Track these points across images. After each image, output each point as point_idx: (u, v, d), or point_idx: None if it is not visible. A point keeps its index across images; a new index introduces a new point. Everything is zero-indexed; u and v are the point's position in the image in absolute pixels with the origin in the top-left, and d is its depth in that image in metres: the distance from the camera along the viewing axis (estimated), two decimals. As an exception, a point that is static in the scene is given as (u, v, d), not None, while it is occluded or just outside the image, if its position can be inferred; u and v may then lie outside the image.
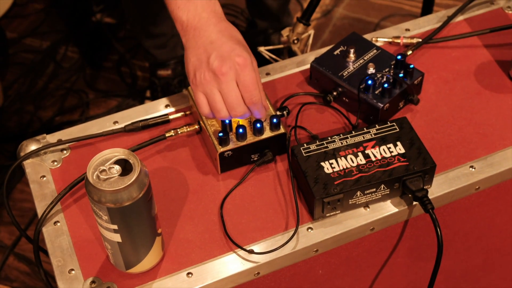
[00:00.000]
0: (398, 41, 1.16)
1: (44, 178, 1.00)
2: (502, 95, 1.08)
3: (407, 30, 1.20)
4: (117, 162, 0.79)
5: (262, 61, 1.21)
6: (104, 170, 0.78)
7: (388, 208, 0.95)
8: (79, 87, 2.25)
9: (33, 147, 1.04)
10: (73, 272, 0.89)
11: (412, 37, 1.16)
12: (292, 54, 1.39)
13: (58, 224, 0.95)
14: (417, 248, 1.06)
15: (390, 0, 2.47)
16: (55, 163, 1.02)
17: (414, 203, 0.94)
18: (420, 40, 1.15)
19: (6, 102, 2.21)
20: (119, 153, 0.80)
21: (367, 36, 1.17)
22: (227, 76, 0.90)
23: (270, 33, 2.11)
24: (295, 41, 1.32)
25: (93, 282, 0.88)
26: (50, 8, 2.52)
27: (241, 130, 0.96)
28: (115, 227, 0.81)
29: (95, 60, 2.34)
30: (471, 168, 0.99)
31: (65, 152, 1.04)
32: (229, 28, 0.94)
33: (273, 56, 1.33)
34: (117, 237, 0.82)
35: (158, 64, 2.11)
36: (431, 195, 0.95)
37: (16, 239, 1.82)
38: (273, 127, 0.98)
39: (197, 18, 0.93)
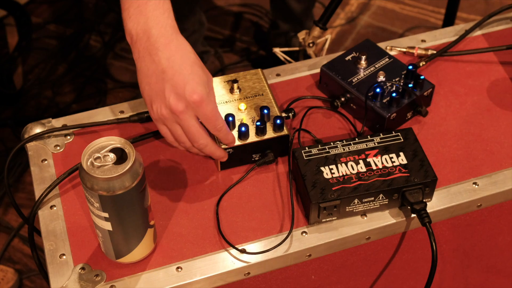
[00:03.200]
0: (413, 51, 1.15)
1: (46, 162, 1.01)
2: (514, 114, 1.07)
3: (423, 41, 1.18)
4: (113, 150, 0.79)
5: (276, 63, 1.21)
6: (98, 158, 0.78)
7: (386, 218, 0.94)
8: (99, 76, 2.27)
9: (37, 130, 1.04)
10: (64, 257, 0.90)
11: (427, 49, 1.15)
12: (307, 57, 1.38)
13: (55, 208, 0.95)
14: (414, 261, 1.05)
15: (416, 12, 2.46)
16: (58, 148, 1.03)
17: (413, 215, 0.93)
18: (435, 52, 1.14)
19: (25, 85, 2.23)
20: (115, 141, 0.80)
21: (382, 44, 1.16)
22: (185, 114, 0.87)
23: (292, 36, 2.10)
24: (311, 45, 1.32)
25: (82, 268, 0.88)
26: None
27: (243, 129, 0.96)
28: (106, 215, 0.81)
29: (117, 51, 2.35)
30: (474, 185, 0.97)
31: (68, 137, 1.04)
32: (179, 48, 0.89)
33: (287, 58, 1.33)
34: (108, 225, 0.82)
35: (177, 59, 2.11)
36: (430, 209, 0.93)
37: (22, 222, 1.84)
38: (276, 128, 0.97)
39: (146, 35, 0.88)
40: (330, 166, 0.93)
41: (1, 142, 2.07)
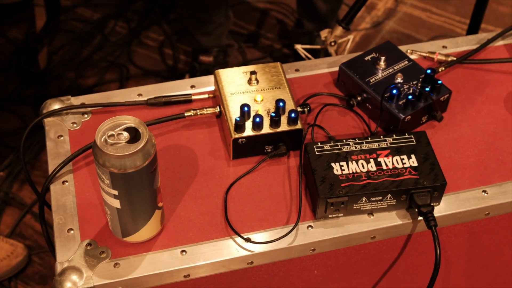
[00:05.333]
0: (433, 56, 1.15)
1: (61, 138, 1.02)
2: (529, 126, 1.06)
3: (444, 47, 1.18)
4: (128, 129, 0.80)
5: (298, 59, 1.21)
6: (112, 135, 0.79)
7: (392, 219, 0.94)
8: (122, 62, 2.28)
9: (56, 106, 1.06)
10: (71, 231, 0.91)
11: (447, 55, 1.15)
12: (328, 56, 1.38)
13: (67, 183, 0.97)
14: (418, 265, 1.05)
15: (443, 21, 2.45)
16: (75, 125, 1.04)
17: (419, 218, 0.93)
18: (455, 58, 1.13)
19: (49, 66, 2.25)
20: (130, 121, 0.81)
21: (403, 48, 1.16)
22: None
23: (315, 36, 2.10)
24: (332, 44, 1.32)
25: (89, 244, 0.89)
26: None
27: (258, 120, 0.96)
28: (116, 192, 0.82)
29: (141, 38, 2.37)
30: (483, 193, 0.97)
31: (86, 116, 1.05)
32: None
33: (308, 55, 1.33)
34: (116, 203, 0.83)
35: (201, 50, 2.13)
36: (438, 213, 0.93)
37: (36, 199, 1.86)
38: (291, 121, 0.98)
39: None
40: (341, 163, 0.93)
41: (21, 119, 2.09)
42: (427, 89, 1.03)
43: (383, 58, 1.07)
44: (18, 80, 2.22)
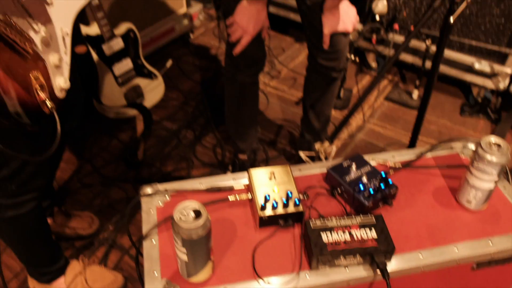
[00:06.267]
0: (386, 163, 1.18)
1: (151, 211, 1.06)
2: (449, 210, 1.07)
3: (393, 156, 1.21)
4: (194, 210, 0.84)
5: (301, 160, 1.24)
6: (183, 213, 0.83)
7: (361, 271, 0.94)
8: (189, 156, 2.34)
9: (148, 190, 1.10)
10: (155, 272, 0.93)
11: (396, 162, 1.17)
12: (319, 160, 1.41)
13: (154, 241, 0.99)
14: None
15: (395, 133, 2.48)
16: (160, 203, 1.08)
17: (378, 271, 0.94)
18: (401, 165, 1.16)
19: (144, 158, 2.32)
20: (195, 204, 0.84)
21: (368, 156, 1.19)
22: None
23: (313, 143, 2.14)
24: (322, 152, 1.36)
25: (166, 281, 0.91)
26: (182, 103, 2.67)
27: (275, 205, 0.99)
28: (185, 250, 0.84)
29: (203, 142, 2.44)
30: (419, 255, 0.97)
31: (167, 197, 1.09)
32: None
33: (308, 159, 1.37)
34: (185, 257, 0.86)
35: (239, 150, 2.19)
36: (390, 268, 0.94)
37: (132, 245, 1.87)
38: (296, 206, 1.00)
39: None
40: (327, 233, 0.95)
41: (125, 192, 2.14)
42: (382, 185, 1.05)
43: (354, 164, 1.10)
44: (124, 167, 2.29)
